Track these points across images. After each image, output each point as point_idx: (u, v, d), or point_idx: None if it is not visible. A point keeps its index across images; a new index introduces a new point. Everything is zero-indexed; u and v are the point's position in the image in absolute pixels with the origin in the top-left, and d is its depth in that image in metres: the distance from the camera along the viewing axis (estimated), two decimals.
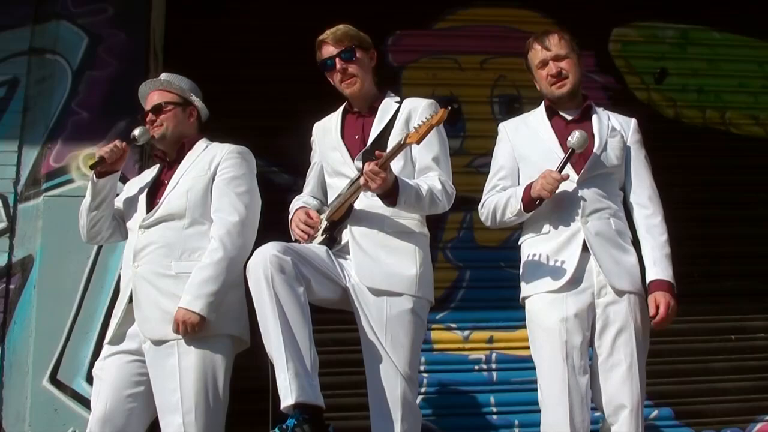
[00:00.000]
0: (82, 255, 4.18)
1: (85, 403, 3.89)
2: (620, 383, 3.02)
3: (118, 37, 4.52)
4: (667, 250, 3.18)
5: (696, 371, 4.97)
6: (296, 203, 3.35)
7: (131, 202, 3.44)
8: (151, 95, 3.47)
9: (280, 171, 4.98)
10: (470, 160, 5.12)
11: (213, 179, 3.29)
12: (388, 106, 3.24)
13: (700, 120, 5.54)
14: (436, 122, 2.87)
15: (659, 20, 5.61)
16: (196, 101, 3.52)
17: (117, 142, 3.33)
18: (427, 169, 3.13)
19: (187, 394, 3.05)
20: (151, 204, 3.34)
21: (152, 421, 3.23)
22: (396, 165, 3.01)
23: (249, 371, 3.23)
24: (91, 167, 3.28)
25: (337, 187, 3.18)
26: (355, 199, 3.08)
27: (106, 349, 3.27)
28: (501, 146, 3.40)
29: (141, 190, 3.44)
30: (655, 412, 4.86)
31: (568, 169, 3.11)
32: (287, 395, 2.63)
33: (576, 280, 3.09)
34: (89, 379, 3.91)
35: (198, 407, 3.05)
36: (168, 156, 3.46)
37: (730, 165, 5.36)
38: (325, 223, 3.15)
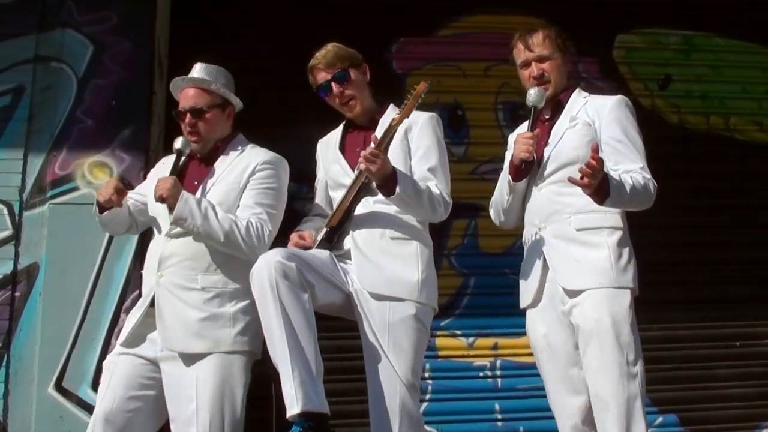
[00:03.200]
0: (88, 262, 4.19)
1: (91, 410, 3.86)
2: (597, 384, 2.86)
3: (123, 45, 4.52)
4: (628, 179, 2.85)
5: (701, 378, 4.96)
6: (299, 226, 3.33)
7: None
8: (188, 92, 3.25)
9: None
10: (474, 167, 5.12)
11: (244, 189, 3.19)
12: (388, 118, 3.19)
13: (704, 126, 5.54)
14: (417, 94, 2.92)
15: (663, 27, 5.61)
16: (234, 99, 3.33)
17: (113, 184, 3.16)
18: (424, 180, 3.08)
19: (203, 405, 2.98)
20: None
21: (160, 429, 3.19)
22: None
23: (252, 378, 3.23)
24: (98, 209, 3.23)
25: (338, 199, 3.15)
26: (352, 197, 3.06)
27: (119, 349, 3.14)
28: (507, 154, 3.36)
29: None
30: (659, 419, 4.85)
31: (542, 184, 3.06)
32: (293, 404, 2.62)
33: (546, 293, 3.03)
34: (95, 387, 3.92)
35: (213, 421, 2.99)
36: (199, 154, 3.29)
37: (735, 171, 5.37)
38: (325, 228, 3.13)
